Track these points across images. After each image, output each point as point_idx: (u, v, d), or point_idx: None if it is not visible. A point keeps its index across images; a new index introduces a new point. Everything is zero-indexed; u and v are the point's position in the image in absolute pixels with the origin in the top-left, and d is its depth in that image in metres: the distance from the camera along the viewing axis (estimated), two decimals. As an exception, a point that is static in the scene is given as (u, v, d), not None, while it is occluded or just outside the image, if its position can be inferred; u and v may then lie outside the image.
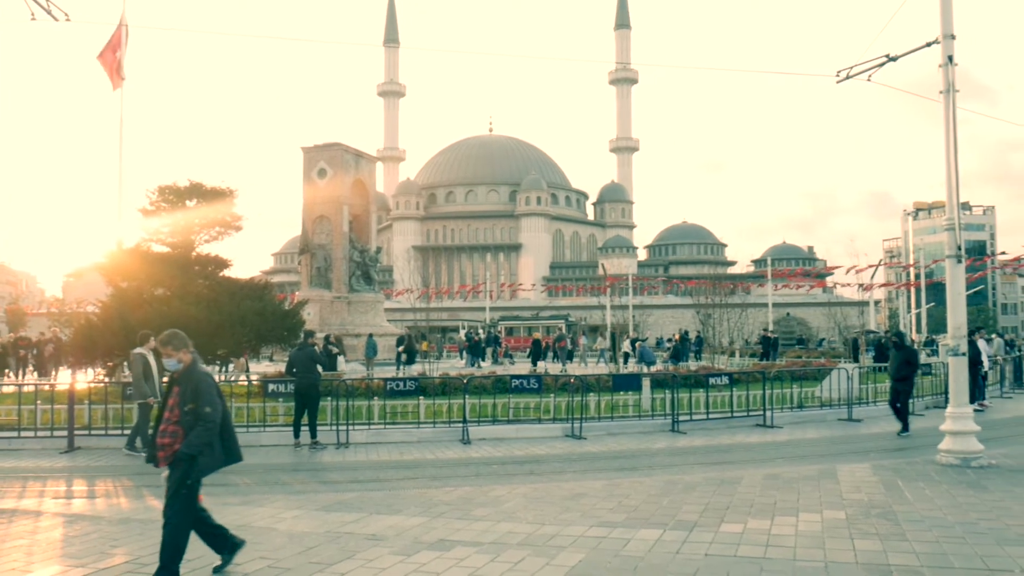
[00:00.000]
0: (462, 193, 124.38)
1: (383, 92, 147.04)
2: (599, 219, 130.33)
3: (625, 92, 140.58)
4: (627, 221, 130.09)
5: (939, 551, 6.92)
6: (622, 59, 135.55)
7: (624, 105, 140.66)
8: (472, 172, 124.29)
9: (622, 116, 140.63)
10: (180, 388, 6.36)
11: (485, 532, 7.88)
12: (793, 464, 12.17)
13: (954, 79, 11.78)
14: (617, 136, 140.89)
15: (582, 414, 15.88)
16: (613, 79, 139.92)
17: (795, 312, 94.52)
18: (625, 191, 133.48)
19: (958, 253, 11.68)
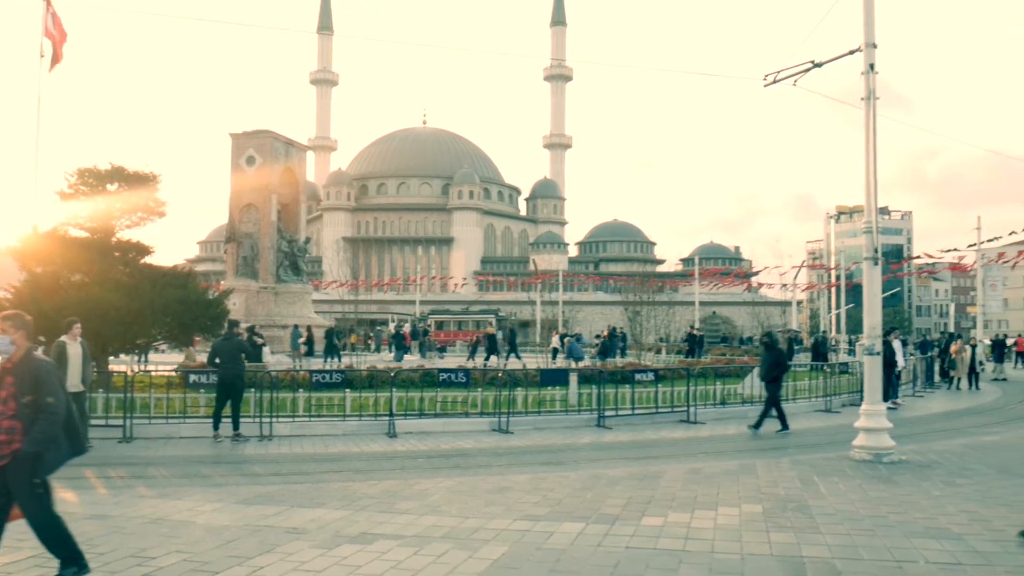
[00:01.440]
0: (394, 185, 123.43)
1: (316, 80, 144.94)
2: (531, 215, 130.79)
3: (560, 89, 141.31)
4: (559, 217, 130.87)
5: (850, 543, 7.15)
6: (557, 56, 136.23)
7: (558, 102, 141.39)
8: (405, 164, 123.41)
9: (556, 113, 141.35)
10: (14, 378, 5.73)
11: (408, 525, 7.85)
12: (714, 459, 12.42)
13: (875, 87, 12.16)
14: (551, 132, 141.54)
15: (509, 408, 15.94)
16: (548, 75, 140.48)
17: (721, 311, 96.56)
18: (557, 187, 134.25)
19: (875, 256, 12.06)
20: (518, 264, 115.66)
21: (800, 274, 71.77)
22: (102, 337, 17.79)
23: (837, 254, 70.79)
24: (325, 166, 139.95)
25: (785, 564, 6.56)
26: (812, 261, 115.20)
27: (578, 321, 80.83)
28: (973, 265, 52.97)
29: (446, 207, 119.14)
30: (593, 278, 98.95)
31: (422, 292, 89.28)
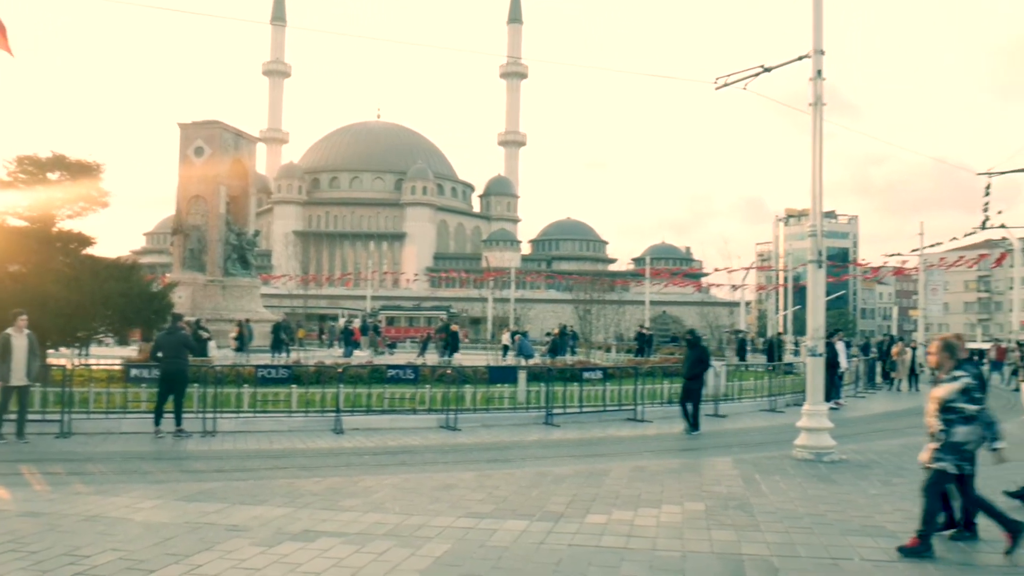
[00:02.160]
0: (347, 179, 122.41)
1: (268, 71, 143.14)
2: (484, 212, 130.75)
3: (515, 86, 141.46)
4: (512, 215, 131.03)
5: (788, 541, 7.26)
6: (513, 53, 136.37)
7: (513, 99, 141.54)
8: (358, 158, 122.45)
9: (511, 110, 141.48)
10: None
11: (351, 523, 7.78)
12: (660, 458, 12.55)
13: (822, 92, 12.37)
14: (505, 130, 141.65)
15: (457, 405, 15.92)
16: (504, 73, 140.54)
17: (671, 310, 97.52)
18: (511, 185, 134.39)
19: (819, 259, 12.28)
20: (471, 261, 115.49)
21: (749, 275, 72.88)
22: (41, 329, 17.27)
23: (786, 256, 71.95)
24: (276, 159, 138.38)
25: (725, 562, 6.64)
26: (761, 263, 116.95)
27: (530, 319, 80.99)
28: (916, 269, 54.23)
29: (399, 202, 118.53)
30: (545, 276, 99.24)
31: (373, 288, 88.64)
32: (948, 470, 6.84)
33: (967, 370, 6.97)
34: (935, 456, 6.92)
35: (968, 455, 6.86)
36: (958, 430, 6.81)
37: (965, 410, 6.80)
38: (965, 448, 6.83)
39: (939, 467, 6.87)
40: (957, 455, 6.83)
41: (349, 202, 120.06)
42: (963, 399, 6.85)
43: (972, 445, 6.85)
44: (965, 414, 6.80)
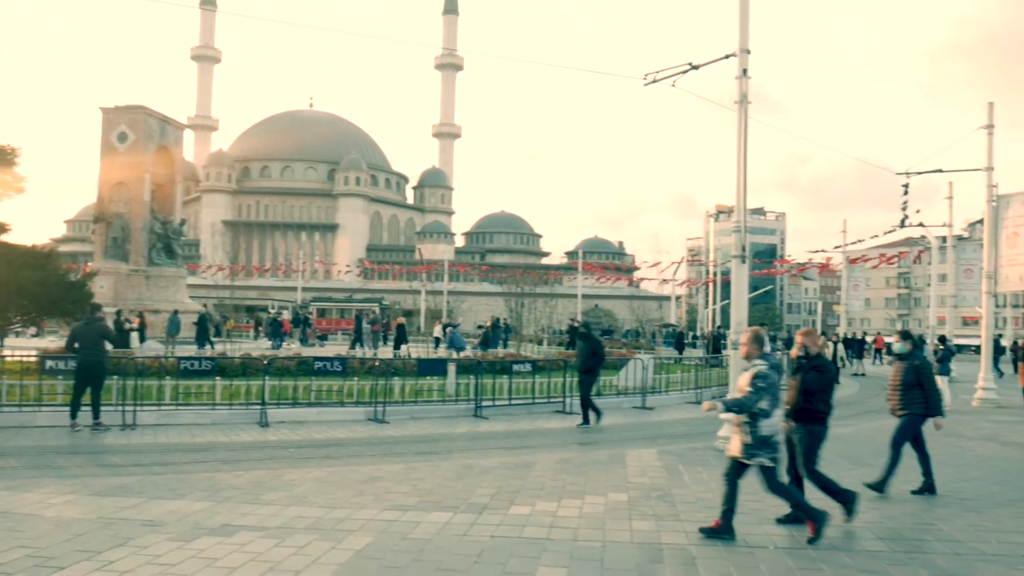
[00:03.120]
0: (278, 168, 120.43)
1: (197, 56, 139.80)
2: (419, 204, 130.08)
3: (450, 78, 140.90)
4: (446, 207, 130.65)
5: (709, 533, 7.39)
6: (448, 45, 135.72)
7: (448, 91, 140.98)
8: (290, 147, 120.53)
9: (446, 102, 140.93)
10: None
11: (272, 516, 7.68)
12: (586, 449, 12.66)
13: (748, 91, 12.60)
14: (440, 121, 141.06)
15: (385, 398, 15.81)
16: (439, 64, 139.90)
17: (603, 304, 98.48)
18: (446, 177, 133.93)
19: (742, 254, 12.52)
20: (404, 253, 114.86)
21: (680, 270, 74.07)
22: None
23: (716, 251, 73.26)
24: (205, 146, 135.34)
25: (644, 551, 6.75)
26: (692, 257, 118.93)
27: (463, 311, 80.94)
28: (839, 266, 55.77)
29: (332, 193, 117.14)
30: (479, 269, 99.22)
31: (304, 279, 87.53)
32: (766, 463, 6.99)
33: (766, 359, 7.13)
34: (749, 453, 7.00)
35: (776, 445, 7.02)
36: (763, 424, 6.95)
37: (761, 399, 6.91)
38: (773, 440, 6.99)
39: (756, 463, 6.99)
40: (770, 448, 6.97)
41: (280, 192, 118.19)
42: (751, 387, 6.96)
43: (777, 436, 7.02)
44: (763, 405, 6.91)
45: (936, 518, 8.12)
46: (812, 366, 7.81)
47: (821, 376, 7.76)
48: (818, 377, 7.75)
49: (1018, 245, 22.97)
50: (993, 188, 22.40)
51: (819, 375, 7.76)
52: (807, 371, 7.79)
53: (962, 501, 8.99)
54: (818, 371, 7.78)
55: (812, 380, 7.72)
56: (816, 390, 7.72)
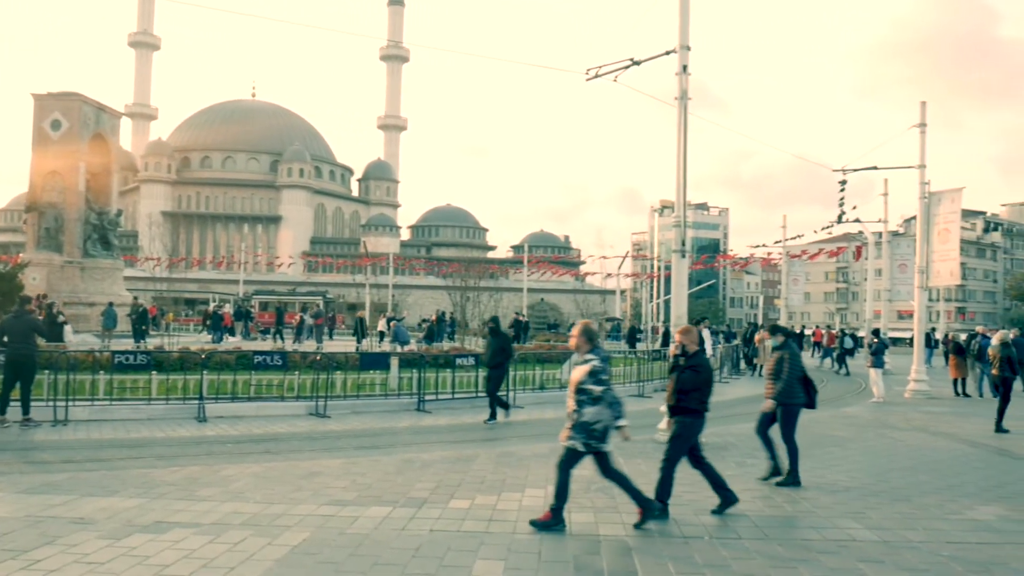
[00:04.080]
0: (219, 159, 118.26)
1: (135, 43, 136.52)
2: (364, 196, 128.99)
3: (396, 69, 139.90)
4: (392, 200, 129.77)
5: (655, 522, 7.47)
6: (394, 36, 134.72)
7: (394, 83, 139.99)
8: (232, 137, 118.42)
9: (391, 94, 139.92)
10: None
11: (207, 513, 7.55)
12: (528, 443, 12.68)
13: (688, 87, 12.74)
14: (386, 113, 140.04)
15: (327, 392, 15.66)
16: (384, 55, 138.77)
17: (549, 298, 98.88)
18: (391, 169, 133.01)
19: (682, 249, 12.67)
20: (349, 246, 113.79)
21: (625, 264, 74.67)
22: None
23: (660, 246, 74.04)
24: (144, 135, 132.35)
25: (581, 542, 6.80)
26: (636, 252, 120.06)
27: (408, 305, 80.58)
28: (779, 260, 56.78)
29: (275, 184, 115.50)
30: (424, 262, 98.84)
31: (247, 272, 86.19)
32: (578, 448, 7.13)
33: (597, 354, 7.24)
34: (568, 435, 7.19)
35: (597, 434, 7.13)
36: (587, 411, 7.09)
37: (592, 391, 7.07)
38: (594, 428, 7.10)
39: (570, 445, 7.16)
40: (586, 434, 7.09)
41: (222, 183, 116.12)
42: (591, 380, 7.11)
43: (601, 425, 7.14)
44: (593, 395, 7.08)
45: (867, 507, 8.32)
46: (688, 365, 7.85)
47: (697, 375, 7.80)
48: (693, 376, 7.79)
49: (949, 241, 23.64)
50: (925, 185, 23.02)
51: (695, 374, 7.80)
52: (683, 370, 7.83)
53: (892, 490, 9.23)
54: (694, 370, 7.82)
55: (687, 379, 7.78)
56: (690, 389, 7.78)
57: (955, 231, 23.83)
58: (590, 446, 7.16)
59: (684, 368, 7.85)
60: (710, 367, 8.08)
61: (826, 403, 20.53)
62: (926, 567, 6.27)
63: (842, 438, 13.59)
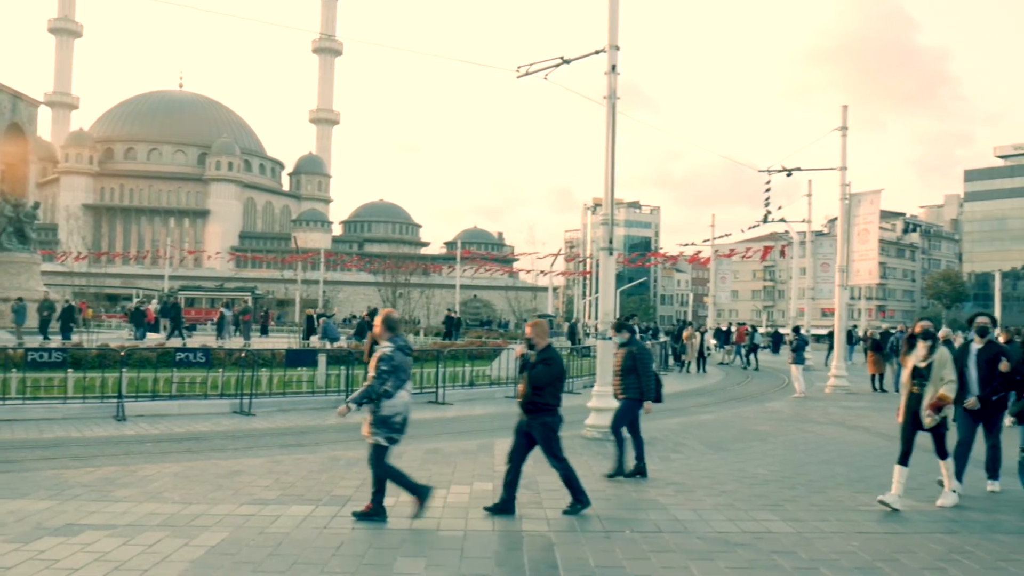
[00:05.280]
0: (144, 151, 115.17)
1: (55, 29, 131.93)
2: (295, 191, 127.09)
3: (328, 63, 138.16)
4: (323, 195, 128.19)
5: (567, 517, 7.55)
6: (327, 29, 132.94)
7: (326, 76, 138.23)
8: (157, 129, 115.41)
9: (324, 87, 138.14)
10: None
11: (123, 514, 7.36)
12: (456, 439, 12.67)
13: (616, 86, 12.87)
14: (318, 107, 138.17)
15: (252, 390, 15.40)
16: (317, 48, 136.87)
17: (482, 295, 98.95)
18: (323, 164, 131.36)
19: (610, 246, 12.80)
20: (279, 241, 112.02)
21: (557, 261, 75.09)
22: None
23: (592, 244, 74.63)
24: (65, 125, 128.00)
25: (504, 539, 6.83)
26: (569, 250, 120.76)
27: (339, 301, 79.66)
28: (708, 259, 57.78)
29: (202, 177, 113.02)
30: (356, 258, 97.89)
31: (173, 267, 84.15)
32: (381, 443, 7.18)
33: (394, 343, 7.29)
34: (372, 431, 7.22)
35: (398, 426, 7.20)
36: (385, 405, 7.13)
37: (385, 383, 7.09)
38: (393, 421, 7.17)
39: (374, 441, 7.20)
40: (387, 428, 7.17)
41: (147, 175, 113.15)
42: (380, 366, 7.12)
43: (400, 416, 7.20)
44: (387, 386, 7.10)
45: (784, 499, 8.53)
46: (540, 360, 7.69)
47: (549, 369, 7.66)
48: (546, 370, 7.64)
49: (868, 241, 24.41)
50: (846, 187, 23.71)
51: (547, 368, 7.65)
52: (534, 365, 7.66)
53: (809, 483, 9.48)
54: (546, 364, 7.66)
55: (541, 374, 7.62)
56: (545, 384, 7.63)
57: (874, 231, 24.60)
58: (393, 439, 7.20)
59: (535, 364, 7.67)
60: (561, 360, 7.94)
61: (750, 398, 21.04)
62: (836, 557, 6.46)
63: (764, 432, 13.91)
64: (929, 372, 8.05)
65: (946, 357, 8.15)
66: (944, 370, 8.05)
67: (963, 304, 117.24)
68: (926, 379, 8.05)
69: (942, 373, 8.04)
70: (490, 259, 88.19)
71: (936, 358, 8.08)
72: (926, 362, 8.10)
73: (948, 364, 8.11)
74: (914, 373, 8.17)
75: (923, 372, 8.10)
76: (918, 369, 8.15)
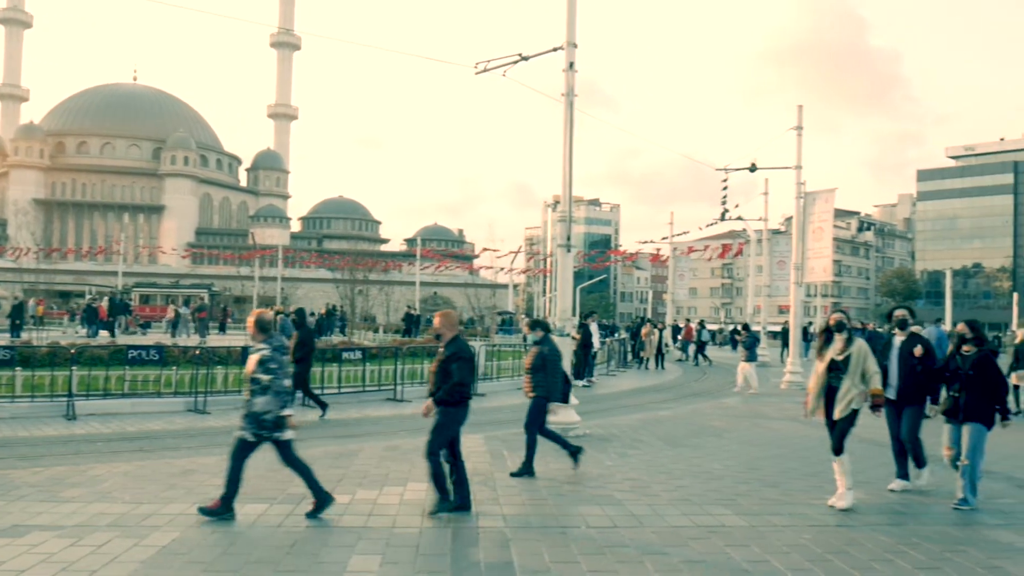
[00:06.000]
0: (98, 145, 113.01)
1: (4, 19, 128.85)
2: (252, 186, 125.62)
3: (286, 57, 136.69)
4: (282, 190, 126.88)
5: (523, 513, 7.58)
6: (285, 23, 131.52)
7: (285, 70, 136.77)
8: (111, 123, 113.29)
9: (282, 82, 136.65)
10: None
11: (72, 514, 7.23)
12: (414, 436, 12.57)
13: (574, 84, 12.91)
14: (276, 102, 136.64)
15: (207, 387, 15.19)
16: (275, 42, 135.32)
17: (442, 291, 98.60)
18: (281, 159, 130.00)
19: (567, 243, 12.84)
20: (237, 237, 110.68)
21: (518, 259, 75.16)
22: None
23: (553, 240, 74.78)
24: (14, 118, 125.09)
25: (459, 535, 6.82)
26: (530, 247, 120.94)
27: (298, 298, 78.81)
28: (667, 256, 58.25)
29: (157, 172, 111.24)
30: (315, 255, 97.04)
31: (127, 263, 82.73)
32: (248, 438, 7.18)
33: (269, 343, 7.29)
34: (240, 425, 7.25)
35: (268, 424, 7.15)
36: (257, 400, 7.13)
37: (261, 380, 7.14)
38: (264, 418, 7.13)
39: (239, 436, 7.22)
40: (256, 424, 7.14)
41: (100, 169, 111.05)
42: (260, 370, 7.17)
43: (272, 415, 7.15)
44: (262, 384, 7.14)
45: (738, 494, 8.63)
46: (450, 353, 7.62)
47: (463, 362, 7.58)
48: (459, 363, 7.55)
49: (823, 239, 24.76)
50: (801, 185, 24.02)
51: (461, 361, 7.57)
52: (446, 358, 7.60)
53: (763, 478, 9.61)
54: (458, 356, 7.58)
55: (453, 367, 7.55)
56: (456, 376, 7.54)
57: (828, 230, 24.97)
58: (260, 436, 7.16)
59: (446, 357, 7.61)
60: (471, 351, 7.85)
61: (707, 395, 21.24)
62: (788, 550, 6.56)
63: (719, 428, 14.07)
64: (847, 365, 7.95)
65: (865, 349, 8.08)
66: (867, 362, 7.99)
67: (916, 301, 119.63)
68: (844, 372, 7.95)
69: (864, 366, 7.97)
70: (450, 256, 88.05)
71: (854, 350, 7.99)
72: (843, 355, 8.00)
73: (869, 356, 8.05)
74: (831, 366, 8.07)
75: (840, 365, 7.99)
76: (835, 362, 8.04)
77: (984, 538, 7.11)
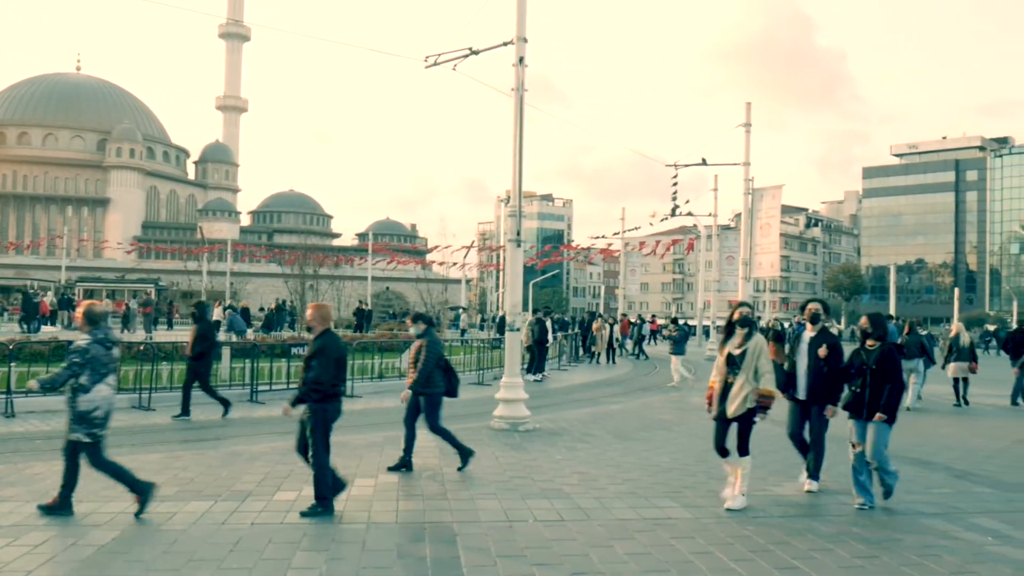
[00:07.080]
0: (39, 136, 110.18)
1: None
2: (200, 180, 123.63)
3: (235, 48, 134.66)
4: (231, 184, 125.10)
5: (471, 508, 7.57)
6: (234, 13, 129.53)
7: (234, 62, 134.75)
8: (53, 113, 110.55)
9: (231, 73, 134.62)
10: None
11: (8, 514, 7.06)
12: (363, 432, 12.54)
13: (524, 78, 12.91)
14: (225, 94, 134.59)
15: (152, 384, 14.91)
16: (223, 33, 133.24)
17: (394, 287, 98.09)
18: (230, 152, 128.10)
19: (517, 238, 12.85)
20: (184, 231, 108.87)
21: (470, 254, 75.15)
22: None
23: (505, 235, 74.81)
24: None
25: (406, 530, 6.80)
26: (483, 242, 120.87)
27: (248, 293, 77.81)
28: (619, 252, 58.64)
29: (102, 164, 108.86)
30: (266, 249, 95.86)
31: (71, 257, 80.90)
32: (83, 440, 6.97)
33: (94, 335, 7.09)
34: (70, 428, 7.02)
35: (99, 421, 7.01)
36: (81, 399, 6.96)
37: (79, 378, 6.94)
38: (93, 416, 6.98)
39: (74, 439, 7.00)
40: (87, 424, 6.97)
41: (42, 161, 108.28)
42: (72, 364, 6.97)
43: (101, 411, 7.03)
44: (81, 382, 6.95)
45: (684, 486, 8.74)
46: (318, 348, 7.43)
47: (334, 355, 7.43)
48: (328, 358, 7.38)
49: (770, 235, 25.19)
50: (750, 181, 24.40)
51: (332, 355, 7.42)
52: (314, 353, 7.43)
53: (710, 470, 9.69)
54: (325, 351, 7.39)
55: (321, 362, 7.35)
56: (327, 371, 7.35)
57: (776, 225, 25.41)
58: (95, 435, 7.00)
59: (312, 352, 7.41)
60: (342, 345, 7.69)
61: (656, 389, 21.42)
62: (732, 540, 6.65)
63: (668, 422, 14.22)
64: (742, 360, 7.59)
65: (761, 346, 7.67)
66: (760, 360, 7.59)
67: (862, 296, 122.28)
68: (738, 367, 7.60)
69: (757, 363, 7.57)
70: (403, 251, 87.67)
71: (750, 346, 7.61)
72: (740, 349, 7.64)
73: (763, 354, 7.64)
74: (728, 361, 7.69)
75: (736, 360, 7.62)
76: (732, 356, 7.66)
77: (921, 527, 7.30)
